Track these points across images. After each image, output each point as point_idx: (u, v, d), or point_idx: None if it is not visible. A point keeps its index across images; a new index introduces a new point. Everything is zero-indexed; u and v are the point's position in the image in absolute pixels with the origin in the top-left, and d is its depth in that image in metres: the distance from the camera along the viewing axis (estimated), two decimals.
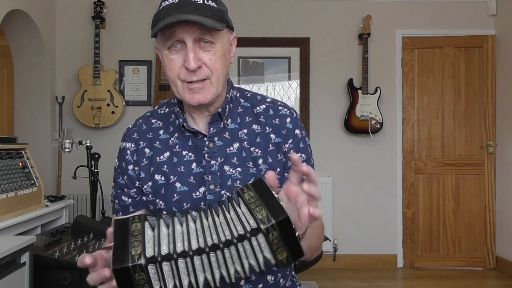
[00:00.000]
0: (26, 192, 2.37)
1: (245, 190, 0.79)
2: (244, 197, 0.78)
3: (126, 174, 1.12)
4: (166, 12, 0.97)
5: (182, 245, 0.76)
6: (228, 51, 1.05)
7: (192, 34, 0.97)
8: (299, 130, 1.12)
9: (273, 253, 0.74)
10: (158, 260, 0.74)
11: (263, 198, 0.76)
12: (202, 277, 0.76)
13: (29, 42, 3.78)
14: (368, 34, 4.08)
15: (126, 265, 0.73)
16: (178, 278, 0.76)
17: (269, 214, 0.73)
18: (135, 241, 0.76)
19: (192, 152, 1.09)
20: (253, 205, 0.76)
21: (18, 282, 1.75)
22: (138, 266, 0.73)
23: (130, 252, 0.74)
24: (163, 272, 0.75)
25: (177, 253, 0.75)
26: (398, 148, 4.18)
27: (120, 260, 0.73)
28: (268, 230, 0.72)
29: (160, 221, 0.80)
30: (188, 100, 1.02)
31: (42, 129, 3.88)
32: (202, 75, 1.00)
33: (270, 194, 0.77)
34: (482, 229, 4.12)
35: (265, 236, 0.73)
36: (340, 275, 3.95)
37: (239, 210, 0.77)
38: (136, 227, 0.78)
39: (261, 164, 1.08)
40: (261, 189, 0.78)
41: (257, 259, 0.75)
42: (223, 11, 1.02)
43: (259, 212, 0.74)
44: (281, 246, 0.73)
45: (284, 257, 0.74)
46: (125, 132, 1.17)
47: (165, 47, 1.01)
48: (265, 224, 0.73)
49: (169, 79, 1.04)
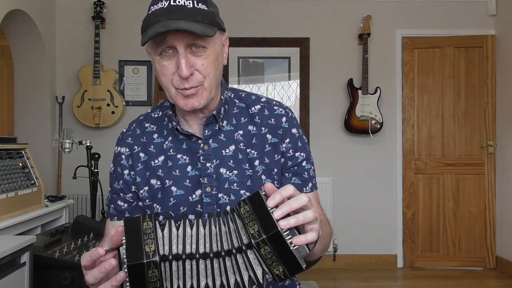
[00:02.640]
0: (26, 192, 2.37)
1: (242, 204, 0.80)
2: (240, 211, 0.79)
3: (122, 179, 1.11)
4: (156, 17, 0.94)
5: (190, 247, 0.78)
6: (220, 54, 1.03)
7: (183, 40, 0.95)
8: (296, 129, 1.12)
9: (269, 267, 0.75)
10: (169, 258, 0.76)
11: (257, 212, 0.77)
12: (203, 282, 0.78)
13: (29, 42, 3.78)
14: (368, 34, 4.07)
15: (141, 261, 0.74)
16: (182, 280, 0.77)
17: (261, 229, 0.74)
18: (148, 238, 0.77)
19: (187, 155, 1.08)
20: (247, 220, 0.77)
21: (18, 282, 1.75)
22: (153, 262, 0.74)
23: (144, 249, 0.75)
24: (172, 271, 0.76)
25: (186, 254, 0.77)
26: (398, 148, 4.18)
27: (134, 256, 0.74)
28: (259, 245, 0.74)
29: (172, 222, 0.81)
30: (182, 106, 1.01)
31: (42, 129, 3.88)
32: (194, 82, 0.98)
33: (263, 209, 0.77)
34: (482, 229, 4.12)
35: (257, 250, 0.74)
36: (340, 275, 3.95)
37: (238, 223, 0.79)
38: (148, 226, 0.79)
39: (257, 166, 1.07)
40: (256, 203, 0.79)
41: (255, 272, 0.76)
42: (214, 13, 0.99)
43: (251, 227, 0.76)
44: (275, 260, 0.74)
45: (281, 272, 0.75)
46: (119, 137, 1.16)
47: (156, 53, 0.99)
48: (255, 239, 0.74)
49: (163, 85, 1.02)
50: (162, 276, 0.75)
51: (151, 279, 0.74)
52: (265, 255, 0.74)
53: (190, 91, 0.99)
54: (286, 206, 0.77)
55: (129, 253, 0.75)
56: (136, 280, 0.74)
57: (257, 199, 0.80)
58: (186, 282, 0.77)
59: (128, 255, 0.74)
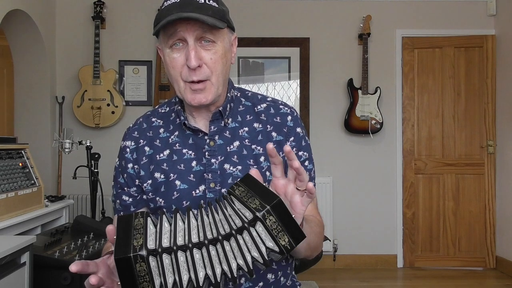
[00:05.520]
0: (26, 192, 2.37)
1: (235, 187, 0.81)
2: (235, 193, 0.80)
3: (126, 172, 1.13)
4: (168, 11, 0.98)
5: (182, 239, 0.78)
6: (229, 51, 1.06)
7: (194, 32, 0.99)
8: (300, 129, 1.13)
9: (274, 239, 0.75)
10: (159, 251, 0.76)
11: (253, 189, 0.79)
12: (202, 272, 0.77)
13: (29, 42, 3.78)
14: (368, 34, 4.08)
15: (128, 255, 0.74)
16: (178, 274, 0.76)
17: (262, 201, 0.75)
18: (137, 234, 0.77)
19: (192, 150, 1.09)
20: (245, 198, 0.78)
21: (18, 282, 1.75)
22: (140, 256, 0.74)
23: (132, 243, 0.75)
24: (164, 265, 0.76)
25: (177, 245, 0.76)
26: (398, 148, 4.18)
27: (122, 250, 0.75)
28: (264, 216, 0.74)
29: (163, 217, 0.82)
30: (189, 100, 1.03)
31: (42, 129, 3.88)
32: (202, 75, 1.01)
33: (259, 185, 0.79)
34: (482, 229, 4.12)
35: (263, 223, 0.74)
36: (340, 275, 3.95)
37: (235, 206, 0.79)
38: (139, 222, 0.79)
39: (262, 162, 1.08)
40: (249, 183, 0.81)
41: (260, 250, 0.76)
42: (225, 11, 1.04)
43: (252, 202, 0.76)
44: (280, 230, 0.75)
45: (287, 241, 0.75)
46: (126, 131, 1.18)
47: (167, 46, 1.02)
48: (260, 211, 0.74)
49: (171, 78, 1.05)
50: (152, 269, 0.75)
51: (140, 273, 0.74)
52: (271, 225, 0.74)
53: (198, 86, 1.01)
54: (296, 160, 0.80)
55: (117, 247, 0.75)
56: (124, 274, 0.74)
57: (249, 179, 0.82)
58: (182, 276, 0.76)
59: (116, 249, 0.75)
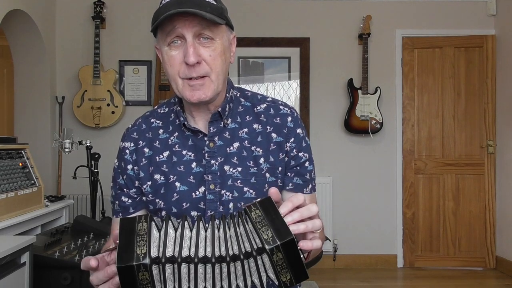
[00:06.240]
0: (26, 192, 2.37)
1: (253, 208, 0.78)
2: (251, 215, 0.77)
3: (125, 173, 1.12)
4: (166, 8, 0.97)
5: (188, 250, 0.76)
6: (227, 49, 1.05)
7: (192, 28, 0.97)
8: (301, 130, 1.12)
9: (277, 274, 0.74)
10: (162, 261, 0.74)
11: (270, 217, 0.76)
12: (202, 286, 0.76)
13: (29, 42, 3.78)
14: (368, 34, 4.08)
15: (131, 264, 0.73)
16: (178, 283, 0.76)
17: (275, 235, 0.74)
18: (141, 240, 0.76)
19: (192, 151, 1.08)
20: (259, 224, 0.76)
21: (18, 282, 1.75)
22: (143, 265, 0.73)
23: (135, 251, 0.74)
24: (165, 274, 0.75)
25: (181, 257, 0.75)
26: (398, 148, 4.18)
27: (125, 258, 0.73)
28: (272, 251, 0.73)
29: (169, 222, 0.80)
30: (188, 97, 1.02)
31: (42, 129, 3.88)
32: (201, 72, 0.99)
33: (276, 214, 0.77)
34: (482, 229, 4.12)
35: (269, 256, 0.73)
36: (340, 275, 3.95)
37: (247, 227, 0.77)
38: (142, 227, 0.78)
39: (262, 163, 1.07)
40: (268, 207, 0.78)
41: (261, 278, 0.76)
42: (223, 9, 1.03)
43: (264, 232, 0.74)
44: (285, 267, 0.74)
45: (288, 279, 0.75)
46: (125, 132, 1.17)
47: (165, 44, 1.01)
48: (270, 244, 0.73)
49: (169, 76, 1.03)
50: (154, 278, 0.74)
51: (142, 282, 0.73)
52: (276, 261, 0.73)
53: (197, 81, 1.00)
54: (297, 214, 0.78)
55: (120, 254, 0.74)
56: (126, 282, 0.73)
57: (269, 204, 0.79)
58: (182, 285, 0.75)
59: (119, 256, 0.74)
